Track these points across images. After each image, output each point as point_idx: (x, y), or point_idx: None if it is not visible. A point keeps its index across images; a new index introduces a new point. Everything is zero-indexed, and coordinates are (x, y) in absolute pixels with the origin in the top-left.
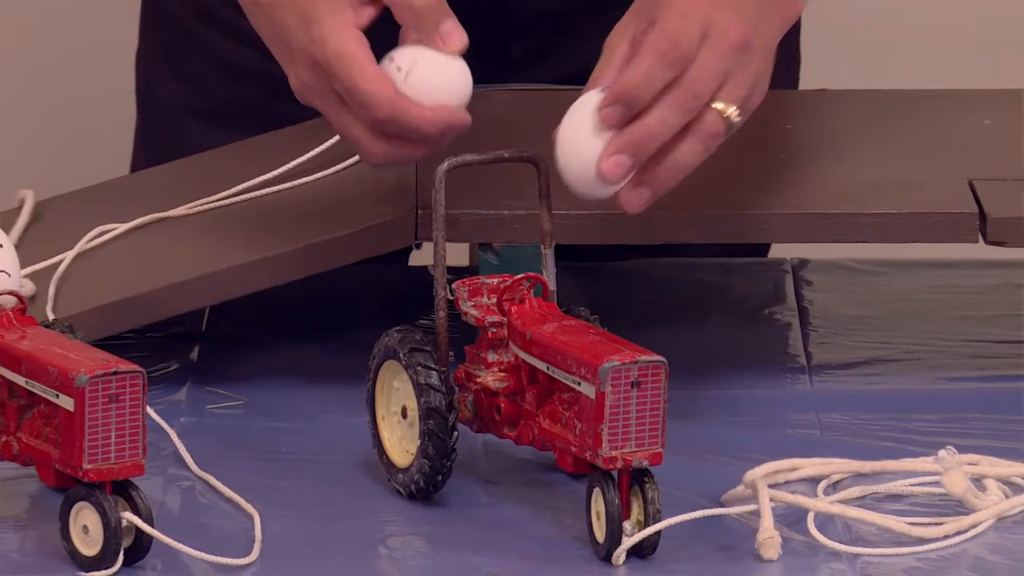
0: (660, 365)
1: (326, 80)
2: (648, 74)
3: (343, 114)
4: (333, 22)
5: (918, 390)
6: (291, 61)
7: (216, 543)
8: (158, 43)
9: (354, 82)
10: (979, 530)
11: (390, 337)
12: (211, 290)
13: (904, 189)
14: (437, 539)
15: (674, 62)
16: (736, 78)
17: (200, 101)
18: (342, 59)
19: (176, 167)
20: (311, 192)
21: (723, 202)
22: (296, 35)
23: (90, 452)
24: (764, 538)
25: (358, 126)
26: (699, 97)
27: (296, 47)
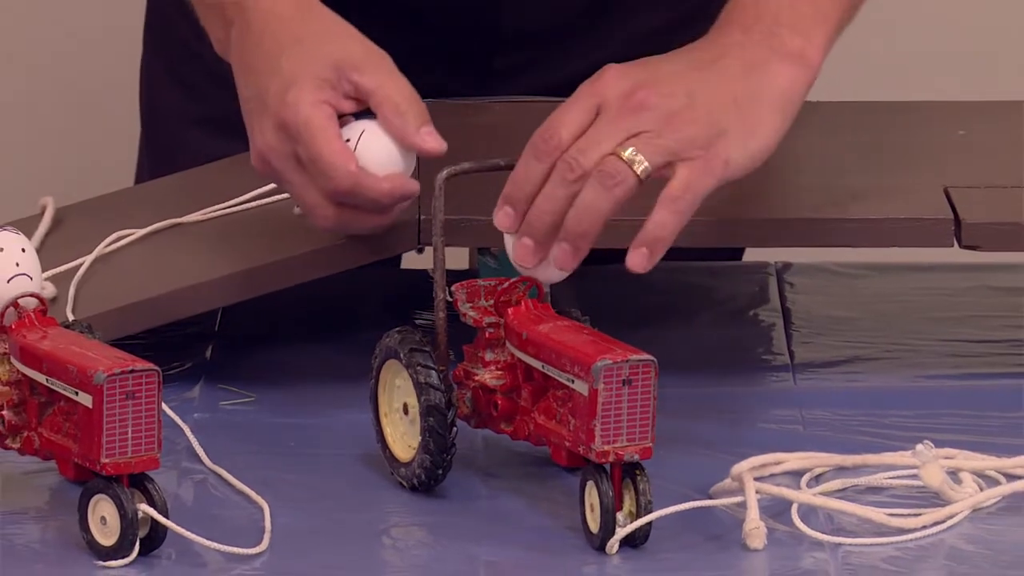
0: (650, 363)
1: (290, 143)
2: (524, 171)
3: (300, 177)
4: (310, 94)
5: (896, 387)
6: (261, 119)
7: (227, 533)
8: (161, 56)
9: (319, 151)
10: (955, 521)
11: (391, 338)
12: (223, 292)
13: (883, 196)
14: (438, 529)
15: (545, 154)
16: (645, 134)
17: (201, 112)
18: (311, 128)
19: (189, 176)
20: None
21: (711, 208)
22: (273, 97)
23: (108, 447)
24: (750, 528)
25: (313, 192)
26: (581, 165)
27: (270, 107)
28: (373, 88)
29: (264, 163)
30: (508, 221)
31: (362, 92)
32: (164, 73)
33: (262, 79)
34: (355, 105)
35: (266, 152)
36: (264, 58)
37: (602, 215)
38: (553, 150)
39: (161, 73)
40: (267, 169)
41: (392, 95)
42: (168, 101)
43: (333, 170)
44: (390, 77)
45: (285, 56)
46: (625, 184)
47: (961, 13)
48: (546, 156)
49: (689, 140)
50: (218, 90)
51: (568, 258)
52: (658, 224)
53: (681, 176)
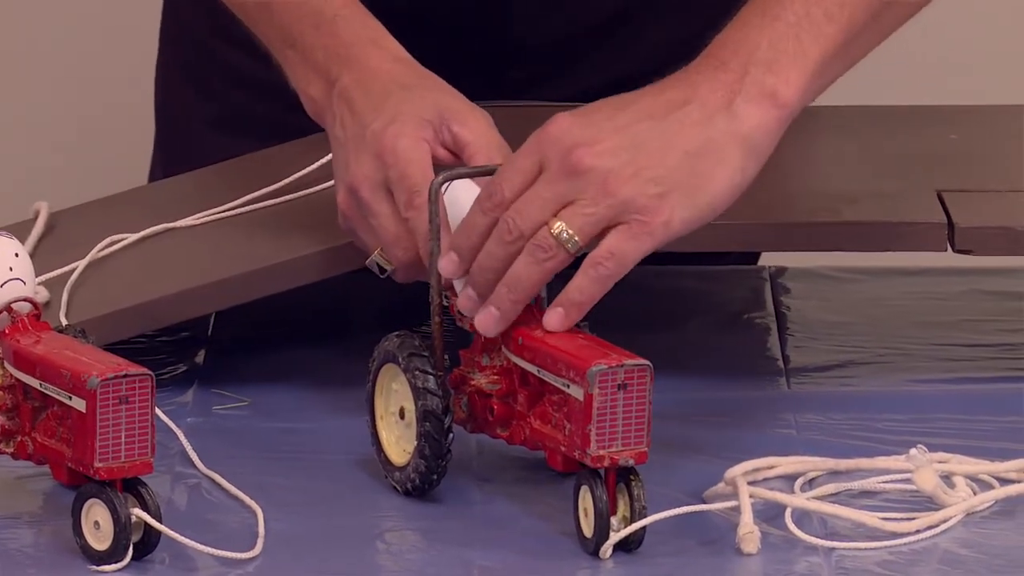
0: (645, 368)
1: (383, 171)
2: (470, 223)
3: (387, 207)
4: (412, 129)
5: (890, 391)
6: (358, 154)
7: (221, 538)
8: (177, 57)
9: (411, 173)
10: (949, 525)
11: (389, 342)
12: (217, 297)
13: (876, 200)
14: (432, 534)
15: (488, 210)
16: (580, 202)
17: (216, 113)
18: (407, 154)
19: (186, 179)
20: (314, 203)
21: None
22: (373, 132)
23: (101, 451)
24: (744, 533)
25: (396, 223)
26: (518, 227)
27: (369, 140)
28: (471, 140)
29: (352, 196)
30: (452, 268)
31: (460, 143)
32: (179, 73)
33: (366, 118)
34: (448, 156)
35: (358, 183)
36: (370, 101)
37: (533, 285)
38: (496, 206)
39: (176, 73)
40: (353, 204)
41: (488, 150)
42: (183, 101)
43: (419, 189)
44: (488, 133)
45: (390, 100)
46: (556, 259)
47: (953, 17)
48: (490, 211)
49: (624, 204)
50: (234, 90)
51: (491, 322)
52: (577, 288)
53: (609, 242)
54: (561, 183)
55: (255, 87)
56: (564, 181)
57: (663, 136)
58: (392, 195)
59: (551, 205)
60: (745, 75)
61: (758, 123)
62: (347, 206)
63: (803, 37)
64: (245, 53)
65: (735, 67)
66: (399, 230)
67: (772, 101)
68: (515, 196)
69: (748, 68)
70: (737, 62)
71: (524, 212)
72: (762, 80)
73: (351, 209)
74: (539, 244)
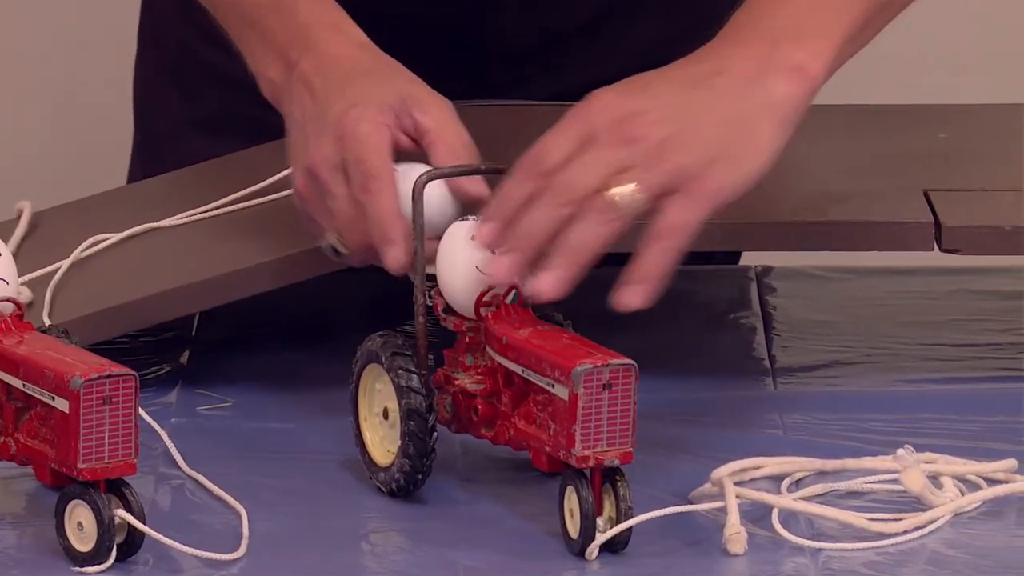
0: (630, 368)
1: (342, 153)
2: (511, 190)
3: (345, 189)
4: (374, 114)
5: (877, 391)
6: (319, 137)
7: (205, 539)
8: (156, 56)
9: (368, 158)
10: (936, 525)
11: (373, 341)
12: (201, 297)
13: (863, 199)
14: (417, 535)
15: (532, 177)
16: (634, 169)
17: (197, 112)
18: (367, 139)
19: (169, 179)
20: (282, 209)
21: None
22: (334, 115)
23: (84, 452)
24: (731, 533)
25: (353, 205)
26: (569, 193)
27: (330, 123)
28: (431, 128)
29: (310, 178)
30: (492, 236)
31: (420, 130)
32: (158, 73)
33: (327, 101)
34: (409, 142)
35: (317, 164)
36: (331, 86)
37: (601, 247)
38: (541, 175)
39: (155, 73)
40: (311, 185)
41: (449, 138)
42: (162, 101)
43: (376, 174)
44: (450, 121)
45: (352, 85)
46: (621, 220)
47: (942, 15)
48: (534, 179)
49: (679, 170)
50: (214, 90)
51: (558, 284)
52: (651, 263)
53: (671, 213)
54: (614, 150)
55: (236, 87)
56: (617, 149)
57: (706, 105)
58: (349, 179)
59: (604, 171)
60: (775, 49)
61: (787, 95)
62: (304, 188)
63: (826, 13)
64: (225, 53)
65: (762, 42)
66: (355, 213)
67: (800, 74)
68: (561, 164)
69: (777, 42)
70: (762, 38)
71: (576, 179)
72: (790, 54)
73: (308, 191)
74: (598, 207)
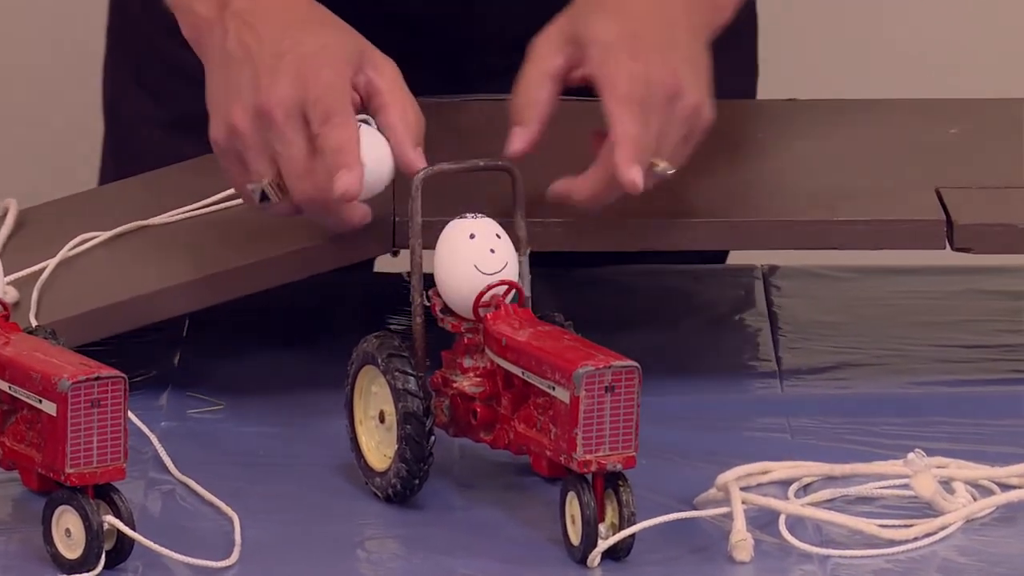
0: (633, 370)
1: (302, 93)
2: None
3: (300, 136)
4: (341, 65)
5: (887, 394)
6: (275, 75)
7: (196, 546)
8: (125, 56)
9: (341, 110)
10: (948, 532)
11: (368, 343)
12: (191, 297)
13: (873, 197)
14: (413, 542)
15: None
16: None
17: (167, 113)
18: (337, 91)
19: (156, 177)
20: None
21: (696, 210)
22: (295, 56)
23: (72, 456)
24: (736, 540)
25: (305, 158)
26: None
27: (290, 62)
28: (384, 89)
29: (259, 118)
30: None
31: (373, 89)
32: (128, 74)
33: (280, 43)
34: (358, 100)
35: (272, 104)
36: (280, 28)
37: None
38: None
39: (125, 74)
40: (256, 127)
41: (401, 102)
42: (133, 103)
43: (340, 110)
44: (399, 84)
45: (306, 31)
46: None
47: (953, 9)
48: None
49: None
50: (186, 90)
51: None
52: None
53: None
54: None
55: (200, 83)
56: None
57: (691, 50)
58: (306, 124)
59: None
60: None
61: (708, 22)
62: (246, 128)
63: None
64: (182, 45)
65: None
66: (309, 163)
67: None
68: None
69: None
70: None
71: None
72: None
73: (249, 131)
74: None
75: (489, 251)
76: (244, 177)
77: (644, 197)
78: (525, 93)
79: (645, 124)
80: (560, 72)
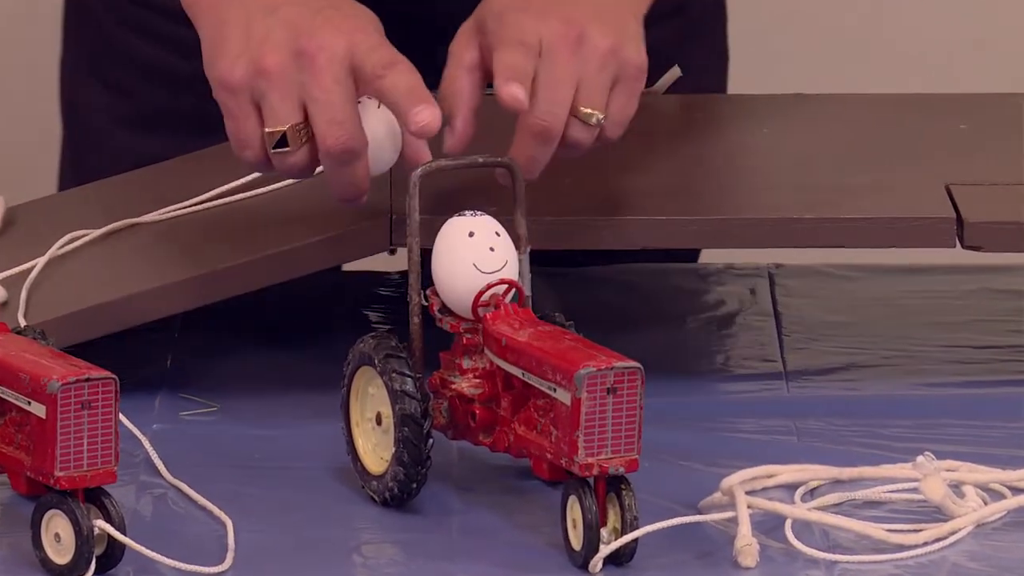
0: (636, 371)
1: (349, 47)
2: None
3: (344, 85)
4: (379, 31)
5: (895, 396)
6: (326, 24)
7: (189, 551)
8: (82, 52)
9: (380, 46)
10: (958, 537)
11: (365, 343)
12: (184, 296)
13: (880, 193)
14: (411, 547)
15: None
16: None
17: (128, 109)
18: (382, 41)
19: (148, 173)
20: (283, 198)
21: (696, 207)
22: (337, 10)
23: (62, 459)
24: (742, 545)
25: (294, 105)
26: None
27: (331, 14)
28: (395, 61)
29: (300, 61)
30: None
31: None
32: (86, 69)
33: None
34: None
35: (315, 49)
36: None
37: None
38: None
39: (82, 69)
40: (290, 66)
41: (411, 79)
42: (91, 99)
43: (398, 59)
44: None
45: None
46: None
47: (962, 1)
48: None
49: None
50: (146, 85)
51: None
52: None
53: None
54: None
55: (167, 81)
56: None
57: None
58: (348, 74)
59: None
60: None
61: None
62: (279, 68)
63: None
64: (155, 44)
65: None
66: (346, 110)
67: None
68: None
69: None
70: None
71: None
72: None
73: (282, 73)
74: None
75: (488, 249)
76: (255, 121)
77: (639, 193)
78: (445, 90)
79: (523, 53)
80: (475, 62)
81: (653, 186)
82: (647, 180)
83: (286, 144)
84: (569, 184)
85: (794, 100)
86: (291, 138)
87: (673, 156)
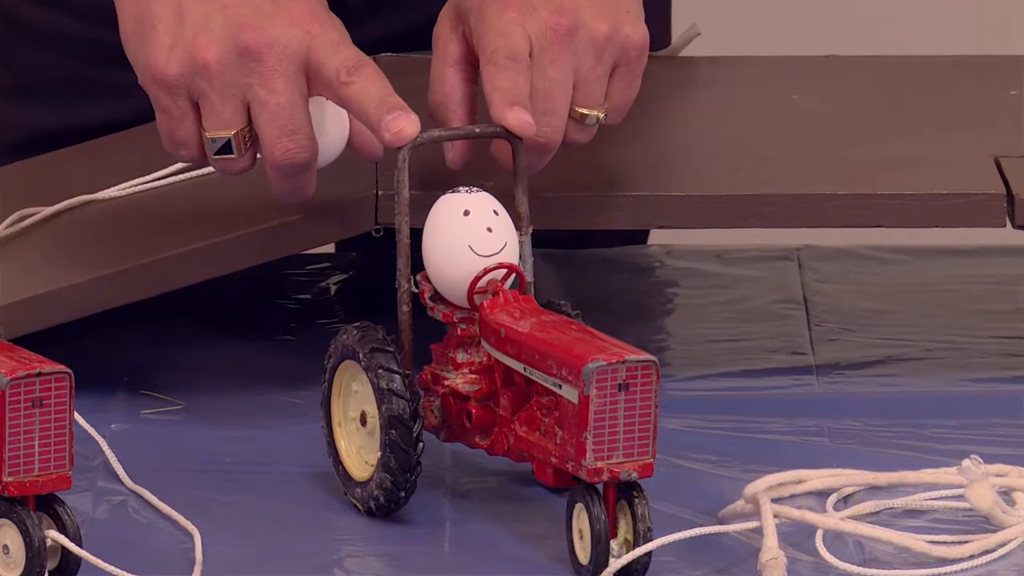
0: (650, 365)
1: (302, 44)
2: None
3: (289, 82)
4: (337, 25)
5: (938, 392)
6: (275, 17)
7: (152, 564)
8: None
9: (349, 49)
10: (1008, 549)
11: (348, 335)
12: (146, 282)
13: (922, 167)
14: (399, 561)
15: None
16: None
17: (11, 81)
18: (344, 36)
19: (99, 145)
20: (257, 174)
21: (718, 182)
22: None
23: (11, 463)
24: (767, 559)
25: (237, 98)
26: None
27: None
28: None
29: (244, 59)
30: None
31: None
32: None
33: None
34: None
35: (263, 45)
36: None
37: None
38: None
39: None
40: (236, 64)
41: (381, 85)
42: None
43: (367, 61)
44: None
45: None
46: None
47: None
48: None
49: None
50: (33, 54)
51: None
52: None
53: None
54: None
55: (53, 46)
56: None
57: None
58: (301, 73)
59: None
60: None
61: None
62: (220, 66)
63: None
64: (40, 6)
65: None
66: (298, 117)
67: None
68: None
69: None
70: None
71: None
72: None
73: (223, 71)
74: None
75: (486, 230)
76: (193, 121)
77: (653, 167)
78: (435, 92)
79: (517, 71)
80: (459, 56)
81: (670, 158)
82: (663, 152)
83: (230, 151)
84: (576, 157)
85: (826, 63)
86: (236, 145)
87: (692, 125)
